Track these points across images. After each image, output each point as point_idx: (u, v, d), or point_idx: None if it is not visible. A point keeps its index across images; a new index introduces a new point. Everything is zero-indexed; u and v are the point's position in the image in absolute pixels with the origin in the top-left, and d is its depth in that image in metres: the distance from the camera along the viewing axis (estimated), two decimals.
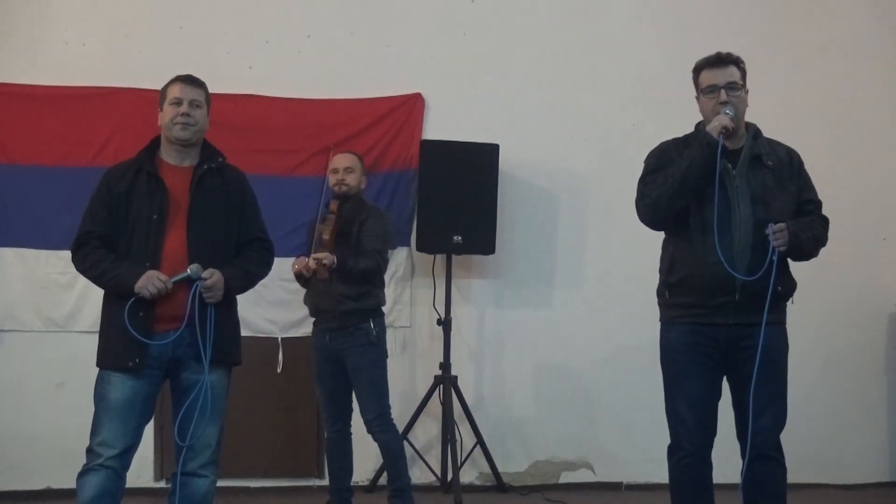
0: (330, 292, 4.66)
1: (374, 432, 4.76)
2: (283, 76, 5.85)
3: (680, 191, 3.52)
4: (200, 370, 3.42)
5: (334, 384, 4.79)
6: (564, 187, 6.09)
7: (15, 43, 5.67)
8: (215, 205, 3.53)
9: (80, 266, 3.53)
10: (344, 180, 4.79)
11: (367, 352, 4.71)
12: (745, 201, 3.55)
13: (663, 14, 6.19)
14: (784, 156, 3.69)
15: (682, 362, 3.61)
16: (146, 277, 3.36)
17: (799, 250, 3.58)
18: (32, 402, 5.58)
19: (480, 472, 5.93)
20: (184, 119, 3.51)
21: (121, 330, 3.40)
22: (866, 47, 6.35)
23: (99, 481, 3.36)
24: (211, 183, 3.55)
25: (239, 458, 5.69)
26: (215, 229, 3.52)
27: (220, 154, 3.66)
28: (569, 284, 6.10)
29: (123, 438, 3.40)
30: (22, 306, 5.58)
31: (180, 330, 3.42)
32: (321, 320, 4.79)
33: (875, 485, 6.14)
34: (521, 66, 6.09)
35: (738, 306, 3.52)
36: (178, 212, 3.47)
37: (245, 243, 3.63)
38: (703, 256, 3.51)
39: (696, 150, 3.52)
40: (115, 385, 3.42)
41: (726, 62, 3.62)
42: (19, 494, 5.40)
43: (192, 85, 3.59)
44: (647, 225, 3.71)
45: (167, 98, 3.58)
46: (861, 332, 6.24)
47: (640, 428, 5.79)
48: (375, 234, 4.74)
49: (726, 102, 3.55)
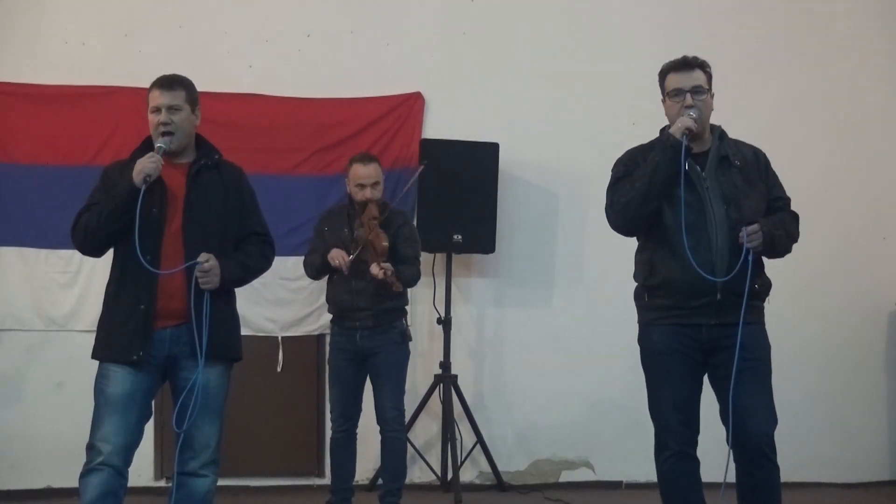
0: (366, 291, 4.69)
1: (391, 431, 4.77)
2: (283, 75, 5.85)
3: (648, 195, 3.55)
4: (196, 366, 3.41)
5: (355, 384, 4.81)
6: (564, 186, 6.09)
7: (15, 42, 5.66)
8: (212, 200, 3.53)
9: (79, 231, 3.48)
10: (373, 198, 4.77)
11: (400, 350, 4.80)
12: (717, 202, 3.57)
13: (663, 14, 6.20)
14: (750, 156, 3.71)
15: (664, 363, 3.63)
16: (139, 165, 3.36)
17: (773, 249, 3.59)
18: (32, 402, 5.58)
19: (480, 471, 5.93)
20: (164, 128, 3.49)
21: (125, 322, 3.40)
22: (866, 47, 6.35)
23: (101, 481, 3.34)
24: (207, 178, 3.56)
25: (239, 457, 5.69)
26: (212, 223, 3.51)
27: (217, 151, 3.66)
28: (569, 283, 6.10)
29: (124, 433, 3.39)
30: (22, 305, 5.57)
31: (181, 326, 3.43)
32: (353, 318, 4.75)
33: (875, 483, 6.14)
34: (520, 66, 6.09)
35: (718, 307, 3.54)
36: (175, 207, 3.48)
37: (243, 238, 3.63)
38: (683, 259, 3.51)
39: (659, 153, 3.55)
40: (116, 379, 3.41)
41: (692, 66, 3.63)
42: (19, 494, 5.39)
43: (168, 89, 3.54)
44: (619, 231, 3.74)
45: (148, 105, 3.57)
46: (861, 331, 6.24)
47: (639, 427, 5.74)
48: (413, 240, 4.88)
49: (692, 106, 3.56)
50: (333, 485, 4.94)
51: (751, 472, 3.54)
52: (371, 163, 4.84)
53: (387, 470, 4.88)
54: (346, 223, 4.82)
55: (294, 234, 5.76)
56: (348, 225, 4.80)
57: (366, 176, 4.79)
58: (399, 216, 4.92)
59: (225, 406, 3.61)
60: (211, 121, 5.74)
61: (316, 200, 5.80)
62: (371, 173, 4.79)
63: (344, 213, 4.90)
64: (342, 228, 4.80)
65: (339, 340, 4.83)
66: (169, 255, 3.43)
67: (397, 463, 4.85)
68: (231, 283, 3.55)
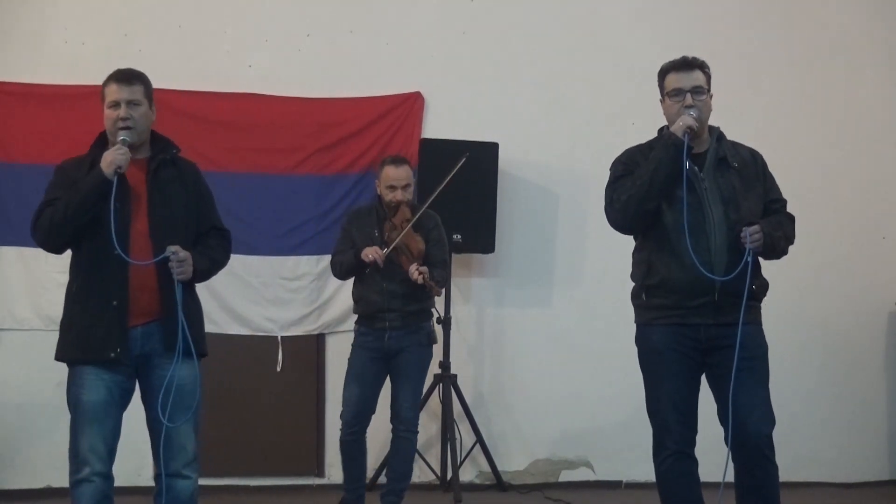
0: (397, 292, 4.68)
1: (406, 431, 4.75)
2: (282, 75, 5.85)
3: (648, 193, 3.55)
4: (171, 362, 3.36)
5: (374, 385, 4.77)
6: (564, 186, 6.10)
7: (14, 42, 5.66)
8: (174, 194, 3.51)
9: (43, 226, 3.40)
10: (404, 199, 4.77)
11: (425, 352, 4.81)
12: (716, 203, 3.58)
13: (663, 13, 6.20)
14: (748, 157, 3.71)
15: (662, 363, 3.63)
16: (108, 157, 3.32)
17: (772, 250, 3.60)
18: (32, 402, 5.57)
19: (480, 471, 5.93)
20: (123, 123, 3.44)
21: (97, 320, 3.35)
22: (866, 47, 6.35)
23: (94, 492, 3.36)
24: (167, 174, 3.52)
25: (238, 457, 5.70)
26: (176, 218, 3.49)
27: (175, 146, 3.62)
28: (568, 283, 6.10)
29: (108, 439, 3.39)
30: (21, 305, 5.57)
31: (151, 323, 3.39)
32: (382, 319, 4.72)
33: (875, 483, 6.15)
34: (520, 65, 6.09)
35: (716, 307, 3.54)
36: (138, 202, 3.43)
37: (203, 232, 3.61)
38: (681, 258, 3.52)
39: (661, 152, 3.55)
40: (91, 386, 3.37)
41: (692, 66, 3.63)
42: (19, 494, 5.39)
43: (127, 83, 3.50)
44: (618, 230, 3.74)
45: (105, 100, 3.51)
46: (860, 330, 6.24)
47: (639, 426, 5.72)
48: (443, 243, 4.89)
49: (692, 106, 3.56)
50: (347, 483, 4.89)
51: (749, 471, 3.54)
52: (403, 164, 4.85)
53: (394, 470, 4.84)
54: (375, 224, 4.79)
55: (294, 234, 5.77)
56: (378, 226, 4.78)
57: (397, 178, 4.77)
58: (430, 219, 4.88)
59: (201, 401, 3.53)
60: (211, 120, 5.82)
61: (315, 200, 5.81)
62: (402, 175, 4.79)
63: (373, 213, 4.85)
64: (372, 229, 4.77)
65: (365, 340, 4.78)
66: (136, 252, 3.37)
67: (406, 464, 4.83)
68: (201, 274, 3.52)
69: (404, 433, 4.76)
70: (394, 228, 4.70)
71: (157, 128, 3.64)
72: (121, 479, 3.81)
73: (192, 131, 5.65)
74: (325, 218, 5.77)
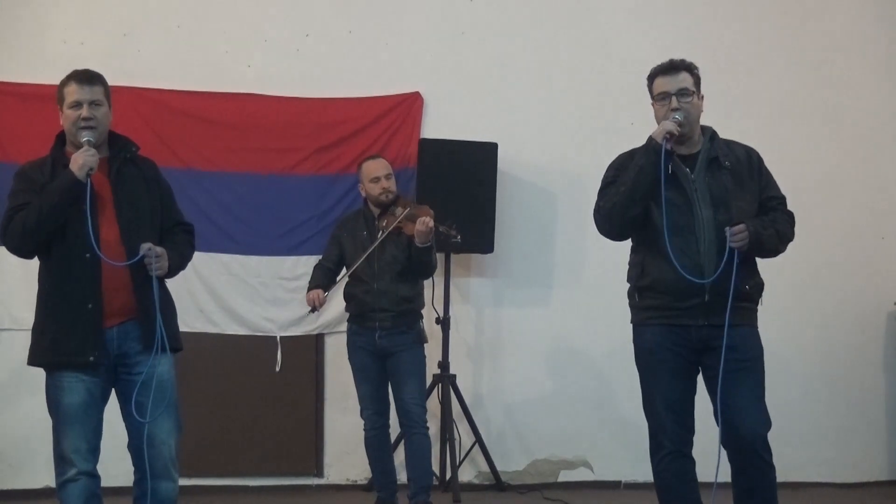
0: (388, 293, 4.74)
1: (418, 428, 4.78)
2: (281, 75, 5.85)
3: (632, 198, 3.56)
4: (148, 359, 3.36)
5: (381, 380, 4.84)
6: (563, 186, 6.09)
7: (13, 42, 5.66)
8: (138, 193, 3.52)
9: (15, 231, 3.37)
10: (389, 188, 4.85)
11: (419, 351, 4.85)
12: (705, 204, 3.57)
13: (663, 13, 6.20)
14: (742, 155, 3.70)
15: (657, 363, 3.63)
16: (78, 159, 3.30)
17: (761, 248, 3.58)
18: (32, 402, 5.55)
19: (479, 471, 5.93)
20: (86, 123, 3.44)
21: (72, 323, 3.35)
22: (866, 47, 6.35)
23: (81, 490, 3.36)
24: (128, 173, 3.53)
25: (237, 457, 5.71)
26: (143, 216, 3.50)
27: (134, 144, 3.62)
28: (567, 283, 6.10)
29: (90, 438, 3.38)
30: (20, 305, 5.56)
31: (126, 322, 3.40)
32: (373, 319, 4.78)
33: (874, 483, 6.14)
34: (520, 66, 6.09)
35: (707, 308, 3.53)
36: (104, 202, 3.44)
37: (168, 229, 3.61)
38: (671, 260, 3.51)
39: (642, 158, 3.56)
40: (71, 389, 3.36)
41: (678, 69, 3.62)
42: (19, 494, 5.40)
43: (88, 84, 3.51)
44: (605, 236, 3.75)
45: (65, 100, 3.50)
46: (860, 331, 6.24)
47: (638, 427, 5.73)
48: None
49: (678, 109, 3.56)
50: (377, 482, 4.95)
51: (745, 473, 3.54)
52: (378, 157, 5.01)
53: (414, 469, 4.84)
54: (363, 226, 4.85)
55: (293, 234, 5.77)
56: (367, 227, 4.83)
57: (378, 168, 4.88)
58: None
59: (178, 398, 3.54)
60: (210, 121, 5.81)
61: (315, 200, 5.81)
62: (381, 165, 4.91)
63: (360, 216, 4.94)
64: (360, 231, 4.84)
65: (357, 339, 4.86)
66: (106, 252, 3.35)
67: (425, 461, 4.87)
68: (173, 269, 3.52)
69: (417, 430, 4.79)
70: (392, 213, 4.77)
71: (158, 128, 3.65)
72: (118, 479, 3.83)
73: (192, 131, 5.67)
74: (324, 218, 5.77)
